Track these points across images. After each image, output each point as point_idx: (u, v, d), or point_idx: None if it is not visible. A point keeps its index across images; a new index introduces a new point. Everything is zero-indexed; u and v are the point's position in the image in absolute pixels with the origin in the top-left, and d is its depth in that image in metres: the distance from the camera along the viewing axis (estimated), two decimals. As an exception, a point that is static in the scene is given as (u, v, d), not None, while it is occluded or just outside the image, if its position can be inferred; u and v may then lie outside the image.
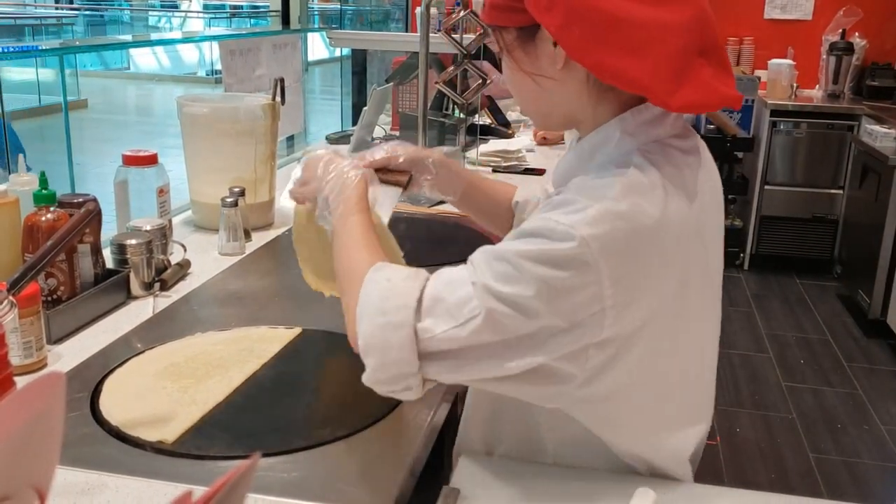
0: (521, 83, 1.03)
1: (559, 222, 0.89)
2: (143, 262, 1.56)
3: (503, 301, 0.89)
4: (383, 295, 0.94)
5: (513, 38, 1.00)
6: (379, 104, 3.18)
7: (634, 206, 0.90)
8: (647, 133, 0.97)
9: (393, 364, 0.92)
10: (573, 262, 0.87)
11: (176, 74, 14.07)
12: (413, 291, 0.93)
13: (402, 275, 0.96)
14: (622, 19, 0.89)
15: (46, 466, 0.58)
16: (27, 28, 12.15)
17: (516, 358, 0.91)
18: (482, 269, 0.91)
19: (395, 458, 1.05)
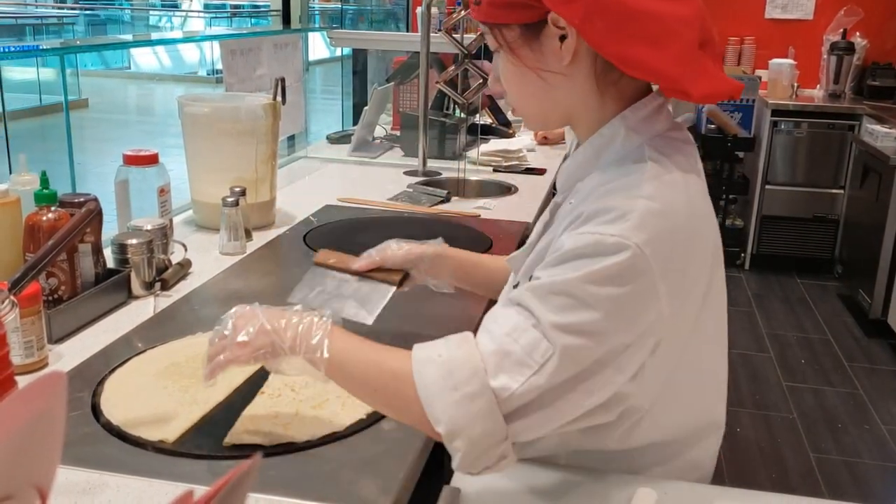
0: (523, 80, 1.01)
1: (606, 234, 0.88)
2: (143, 262, 1.56)
3: (573, 333, 0.87)
4: (445, 371, 0.89)
5: (516, 35, 0.98)
6: (380, 104, 3.18)
7: (667, 202, 0.91)
8: (650, 128, 0.98)
9: (482, 437, 0.88)
10: (632, 273, 0.87)
11: (177, 74, 14.07)
12: (473, 354, 0.89)
13: (451, 345, 0.92)
14: (642, 11, 0.90)
15: (48, 466, 0.58)
16: (28, 28, 12.16)
17: (598, 387, 0.89)
18: (539, 308, 0.89)
19: (396, 458, 1.05)
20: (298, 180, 2.64)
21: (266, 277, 1.72)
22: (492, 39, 1.01)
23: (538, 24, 0.96)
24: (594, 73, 0.97)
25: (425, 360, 0.91)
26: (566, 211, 1.00)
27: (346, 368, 0.96)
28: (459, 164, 2.72)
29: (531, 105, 1.05)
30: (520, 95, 1.04)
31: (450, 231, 2.11)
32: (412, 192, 2.47)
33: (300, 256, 1.85)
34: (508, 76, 1.03)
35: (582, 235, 0.90)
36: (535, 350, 0.87)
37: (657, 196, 0.90)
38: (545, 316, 0.88)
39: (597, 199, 0.92)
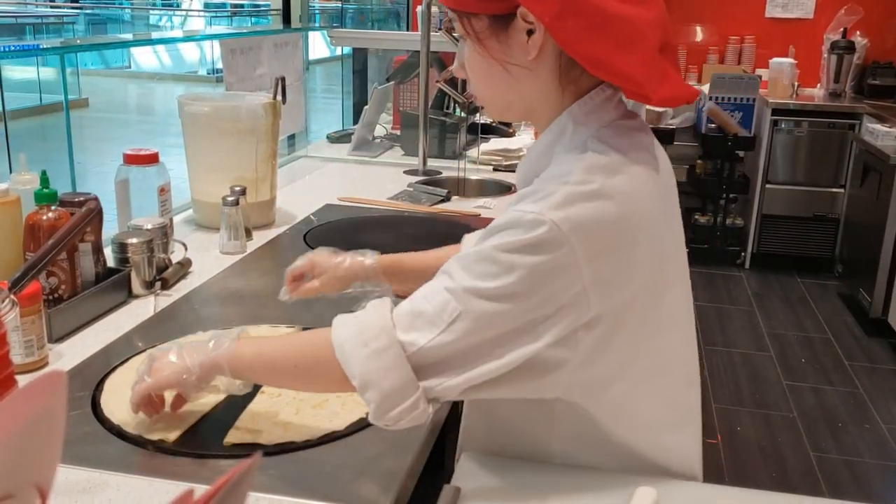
0: (488, 71, 1.02)
1: (526, 211, 0.91)
2: (144, 261, 1.56)
3: (485, 297, 0.90)
4: (357, 330, 0.94)
5: (484, 26, 0.99)
6: (380, 103, 3.18)
7: (598, 184, 0.92)
8: (597, 119, 1.00)
9: (393, 390, 0.92)
10: (547, 246, 0.89)
11: (177, 73, 14.07)
12: (385, 314, 0.95)
13: (367, 309, 0.97)
14: (612, 14, 0.92)
15: (48, 465, 0.58)
16: (28, 27, 12.16)
17: (509, 351, 0.92)
18: (459, 274, 0.93)
19: (396, 457, 1.05)
20: (299, 179, 2.64)
21: (266, 276, 1.72)
22: (459, 26, 1.02)
23: (507, 16, 0.97)
24: (558, 68, 0.99)
25: (341, 324, 0.97)
26: None
27: (254, 364, 1.04)
28: (459, 164, 2.73)
29: (494, 95, 1.06)
30: (483, 84, 1.05)
31: (450, 230, 2.11)
32: (412, 191, 2.47)
33: (300, 256, 1.84)
34: (473, 65, 1.04)
35: (506, 213, 0.93)
36: (444, 310, 0.92)
37: (587, 180, 0.92)
38: (460, 280, 0.92)
39: (535, 184, 0.96)
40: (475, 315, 0.91)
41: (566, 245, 0.89)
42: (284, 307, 1.54)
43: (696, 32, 5.39)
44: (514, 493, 1.02)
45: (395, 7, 6.89)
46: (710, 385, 3.53)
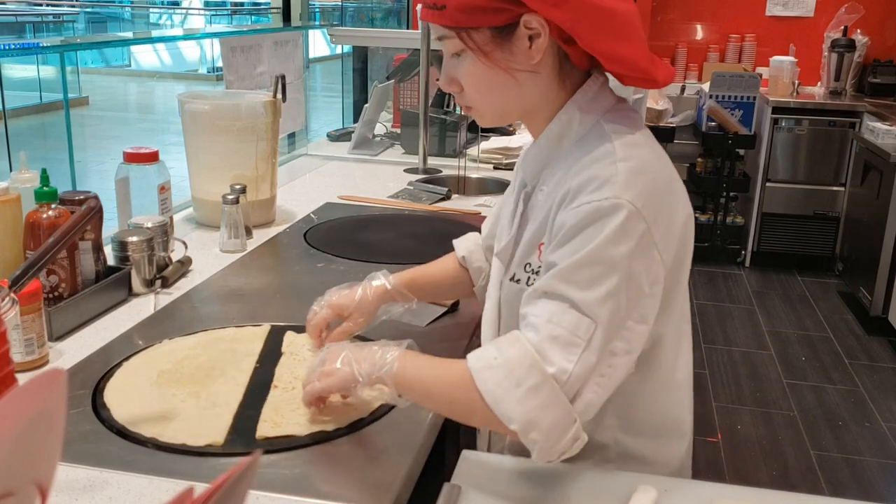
0: (491, 81, 1.05)
1: (601, 199, 0.95)
2: (144, 260, 1.56)
3: (606, 301, 0.94)
4: (505, 371, 0.94)
5: (487, 38, 1.01)
6: (380, 101, 3.18)
7: (640, 158, 1.00)
8: (599, 105, 1.06)
9: (555, 426, 0.93)
10: (632, 226, 0.95)
11: (177, 71, 14.07)
12: (526, 348, 0.94)
13: (503, 347, 0.97)
14: (612, 10, 0.99)
15: (48, 463, 0.58)
16: (28, 25, 12.15)
17: (633, 343, 0.97)
18: (568, 289, 0.95)
19: (396, 455, 1.05)
20: (299, 178, 2.64)
21: (266, 275, 1.72)
22: (454, 43, 1.04)
23: (509, 26, 1.00)
24: (557, 67, 1.05)
25: (483, 368, 0.96)
26: (543, 198, 1.07)
27: (415, 388, 1.03)
28: (460, 162, 2.72)
29: (495, 103, 1.09)
30: (486, 94, 1.07)
31: (450, 228, 2.11)
32: (413, 189, 2.47)
33: (301, 254, 1.85)
34: (475, 77, 1.06)
35: (579, 208, 0.97)
36: (578, 328, 0.94)
37: (630, 156, 0.99)
38: (576, 295, 0.94)
39: (577, 174, 1.00)
40: (605, 322, 0.94)
41: (643, 220, 0.95)
42: (284, 306, 1.54)
43: (696, 31, 5.38)
44: (513, 491, 1.02)
45: (395, 5, 6.88)
46: (711, 383, 3.53)
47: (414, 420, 1.13)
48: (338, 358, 1.07)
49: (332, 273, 1.71)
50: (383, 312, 1.36)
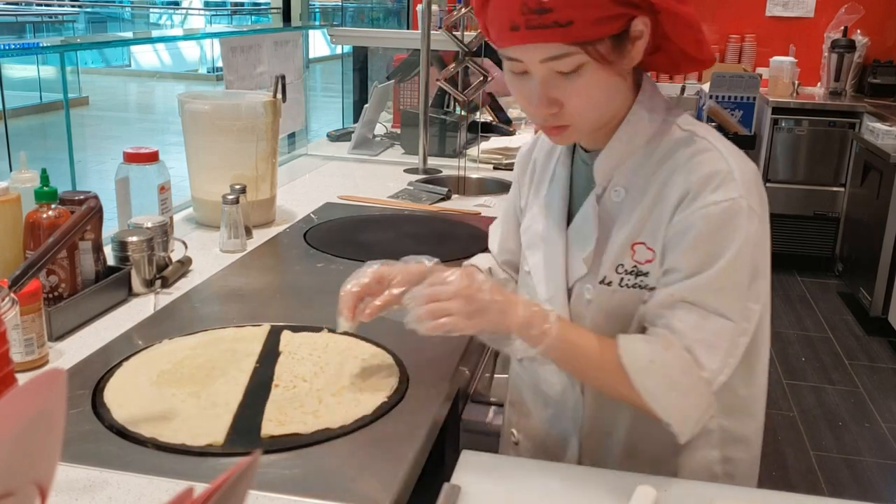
0: (609, 88, 1.04)
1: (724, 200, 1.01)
2: (144, 260, 1.56)
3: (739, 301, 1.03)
4: (662, 374, 1.03)
5: (609, 47, 0.99)
6: (380, 101, 3.18)
7: (733, 150, 1.07)
8: (659, 104, 1.10)
9: (702, 414, 1.06)
10: (757, 221, 1.02)
11: (177, 72, 14.07)
12: (680, 353, 1.02)
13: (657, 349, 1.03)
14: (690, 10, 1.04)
15: (48, 463, 0.58)
16: (28, 25, 12.15)
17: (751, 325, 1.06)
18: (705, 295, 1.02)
19: (396, 455, 1.05)
20: (299, 178, 2.64)
21: (266, 275, 1.72)
22: (574, 60, 0.99)
23: (624, 31, 1.00)
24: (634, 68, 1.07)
25: (641, 370, 1.03)
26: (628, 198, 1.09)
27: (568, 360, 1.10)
28: (460, 162, 2.72)
29: (602, 113, 1.07)
30: (597, 106, 1.05)
31: (450, 229, 2.11)
32: (413, 189, 2.47)
33: (300, 254, 1.85)
34: (593, 90, 1.02)
35: (706, 210, 1.01)
36: (722, 331, 1.02)
37: (728, 149, 1.07)
38: (715, 301, 1.02)
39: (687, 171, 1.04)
40: (739, 317, 1.03)
41: (757, 215, 1.03)
42: (284, 306, 1.54)
43: (696, 31, 5.38)
44: (513, 491, 1.02)
45: (395, 6, 6.89)
46: (711, 384, 3.53)
47: (415, 420, 1.13)
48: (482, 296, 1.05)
49: (331, 273, 1.71)
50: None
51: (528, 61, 1.01)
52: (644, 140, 1.09)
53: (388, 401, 1.16)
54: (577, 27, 0.96)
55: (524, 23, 0.97)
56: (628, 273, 1.08)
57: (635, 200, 1.08)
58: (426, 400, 1.17)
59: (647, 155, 1.08)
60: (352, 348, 1.32)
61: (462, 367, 1.33)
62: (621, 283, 1.09)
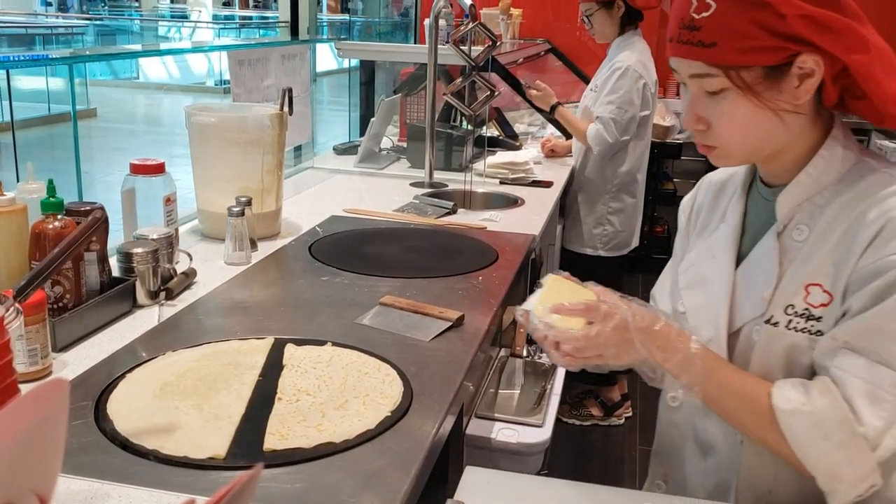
0: (756, 119, 1.02)
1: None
2: (149, 271, 1.56)
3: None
4: (814, 422, 0.96)
5: (758, 77, 0.99)
6: (387, 115, 3.19)
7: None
8: (853, 142, 1.07)
9: (857, 476, 0.96)
10: None
11: (184, 84, 14.13)
12: (838, 402, 0.96)
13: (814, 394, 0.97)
14: (888, 50, 1.00)
15: (49, 473, 0.57)
16: (38, 37, 12.22)
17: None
18: (875, 341, 0.96)
19: (398, 470, 1.04)
20: (304, 191, 2.64)
21: (270, 288, 1.72)
22: (717, 81, 1.00)
23: (783, 65, 0.98)
24: (814, 107, 1.04)
25: (792, 412, 0.97)
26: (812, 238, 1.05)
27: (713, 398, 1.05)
28: (466, 176, 2.73)
29: (750, 143, 1.06)
30: (744, 134, 1.05)
31: (456, 243, 2.11)
32: (418, 203, 2.47)
33: (305, 267, 1.85)
34: (736, 116, 1.03)
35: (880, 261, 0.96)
36: (887, 383, 0.95)
37: None
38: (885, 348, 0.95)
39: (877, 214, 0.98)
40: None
41: None
42: (288, 319, 1.54)
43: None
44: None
45: (402, 20, 6.92)
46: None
47: (418, 435, 1.12)
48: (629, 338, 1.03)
49: (336, 287, 1.71)
50: None
51: (681, 74, 1.05)
52: (835, 177, 1.05)
53: (392, 415, 1.15)
54: (720, 50, 0.98)
55: (678, 36, 1.02)
56: (798, 315, 1.04)
57: (819, 240, 1.04)
58: (430, 415, 1.17)
59: (837, 193, 1.04)
60: (355, 362, 1.31)
61: (466, 382, 1.32)
62: (789, 324, 1.04)
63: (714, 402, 1.06)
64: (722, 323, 1.11)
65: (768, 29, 0.96)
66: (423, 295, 1.64)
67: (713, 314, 1.13)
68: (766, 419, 0.99)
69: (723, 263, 1.14)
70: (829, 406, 0.96)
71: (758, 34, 0.96)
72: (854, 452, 0.95)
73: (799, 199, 1.07)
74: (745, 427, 1.05)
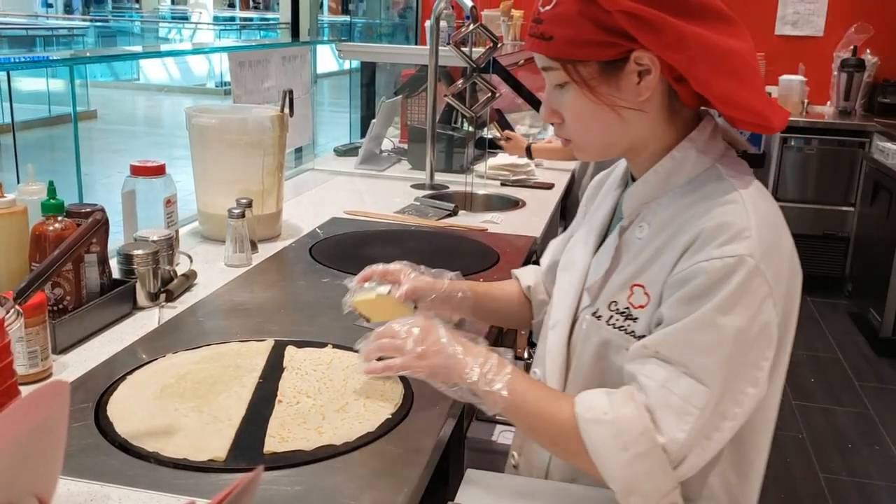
0: (596, 115, 1.02)
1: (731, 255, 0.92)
2: (149, 273, 1.55)
3: (720, 369, 0.92)
4: (614, 431, 0.93)
5: (594, 72, 0.99)
6: (388, 117, 3.18)
7: (766, 211, 0.98)
8: (714, 148, 1.04)
9: (655, 491, 0.93)
10: (756, 290, 0.92)
11: (185, 85, 14.14)
12: (640, 412, 0.93)
13: (616, 403, 0.94)
14: (729, 51, 0.96)
15: (49, 475, 0.57)
16: (38, 39, 12.24)
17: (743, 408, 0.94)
18: (682, 352, 0.93)
19: (400, 472, 1.03)
20: (305, 192, 2.64)
21: (271, 290, 1.72)
22: (558, 75, 1.01)
23: (619, 61, 0.98)
24: (665, 105, 1.02)
25: (592, 420, 0.94)
26: (644, 236, 1.04)
27: (520, 417, 1.01)
28: (467, 178, 2.72)
29: (597, 137, 1.06)
30: (587, 128, 1.05)
31: (457, 245, 2.11)
32: (419, 205, 2.47)
33: (306, 269, 1.84)
34: (578, 111, 1.03)
35: (710, 263, 0.93)
36: (692, 396, 0.92)
37: (759, 208, 0.97)
38: (692, 360, 0.92)
39: (705, 218, 0.96)
40: (720, 389, 0.92)
41: (767, 283, 0.93)
42: (288, 321, 1.53)
43: (704, 49, 5.39)
44: (519, 511, 1.00)
45: (403, 21, 6.93)
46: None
47: (418, 437, 1.11)
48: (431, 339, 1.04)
49: (337, 288, 1.70)
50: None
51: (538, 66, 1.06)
52: (684, 180, 1.04)
53: (393, 418, 1.15)
54: (555, 44, 0.99)
55: (529, 29, 1.04)
56: (619, 313, 1.04)
57: (650, 241, 1.03)
58: (431, 417, 1.16)
59: (682, 196, 1.03)
60: (356, 364, 1.31)
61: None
62: (609, 320, 1.05)
63: (521, 422, 1.03)
64: (570, 309, 1.13)
65: (598, 24, 0.96)
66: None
67: (566, 298, 1.15)
68: (571, 433, 0.95)
69: (585, 251, 1.15)
70: (631, 416, 0.93)
71: (589, 29, 0.96)
72: (654, 466, 0.92)
73: (645, 198, 1.06)
74: (554, 444, 1.02)
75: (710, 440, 0.93)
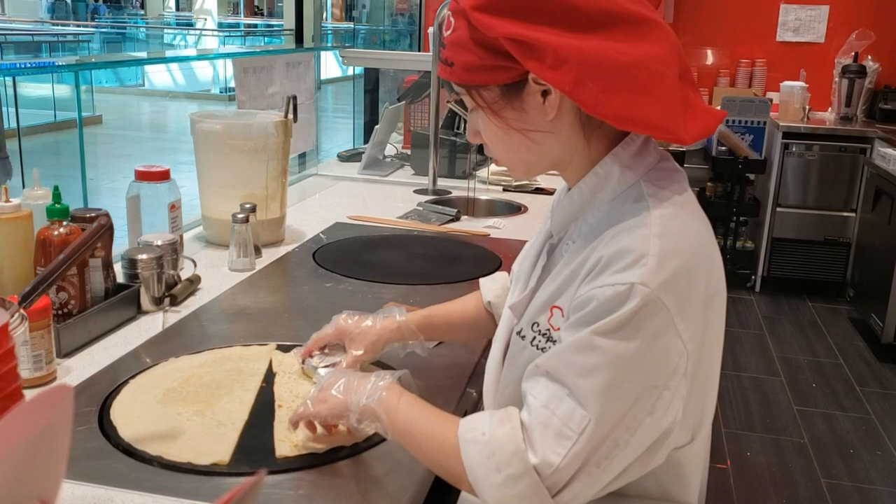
0: (506, 138, 1.00)
1: (623, 283, 0.87)
2: (153, 277, 1.56)
3: (604, 393, 0.86)
4: (488, 452, 0.89)
5: (496, 96, 0.97)
6: (391, 122, 3.19)
7: (675, 236, 0.90)
8: (642, 162, 0.98)
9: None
10: (651, 319, 0.86)
11: (190, 91, 14.17)
12: (515, 432, 0.89)
13: (494, 422, 0.91)
14: (626, 63, 0.90)
15: (53, 479, 0.58)
16: (44, 45, 12.28)
17: (638, 440, 0.88)
18: (566, 373, 0.88)
19: (400, 480, 1.04)
20: (309, 197, 2.65)
21: (274, 294, 1.73)
22: (469, 100, 1.00)
23: (518, 83, 0.95)
24: (579, 121, 0.97)
25: (470, 441, 0.91)
26: (569, 254, 1.00)
27: (406, 439, 0.99)
28: (469, 183, 2.73)
29: (516, 159, 1.03)
30: (505, 150, 1.03)
31: (459, 250, 2.11)
32: (422, 210, 2.48)
33: (309, 274, 1.85)
34: (491, 134, 1.01)
35: (603, 290, 0.88)
36: (572, 419, 0.87)
37: (668, 230, 0.90)
38: (575, 382, 0.87)
39: (609, 243, 0.91)
40: (602, 415, 0.86)
41: (664, 309, 0.87)
42: (291, 326, 1.54)
43: (706, 55, 5.40)
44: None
45: (407, 28, 6.94)
46: (720, 409, 3.51)
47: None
48: (334, 385, 1.06)
49: (340, 293, 1.71)
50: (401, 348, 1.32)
51: None
52: (609, 196, 0.98)
53: None
54: (457, 70, 0.98)
55: (439, 55, 1.02)
56: (541, 334, 1.00)
57: (573, 261, 0.98)
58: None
59: (606, 214, 0.97)
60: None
61: (469, 388, 1.32)
62: (532, 341, 1.01)
63: (413, 449, 0.99)
64: (509, 323, 1.10)
65: (489, 48, 0.94)
66: (427, 301, 1.64)
67: (507, 314, 1.12)
68: (451, 450, 0.92)
69: (527, 265, 1.12)
70: (505, 436, 0.89)
71: (482, 54, 0.94)
72: (527, 490, 0.86)
73: (566, 215, 1.02)
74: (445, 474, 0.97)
75: (600, 467, 0.87)
